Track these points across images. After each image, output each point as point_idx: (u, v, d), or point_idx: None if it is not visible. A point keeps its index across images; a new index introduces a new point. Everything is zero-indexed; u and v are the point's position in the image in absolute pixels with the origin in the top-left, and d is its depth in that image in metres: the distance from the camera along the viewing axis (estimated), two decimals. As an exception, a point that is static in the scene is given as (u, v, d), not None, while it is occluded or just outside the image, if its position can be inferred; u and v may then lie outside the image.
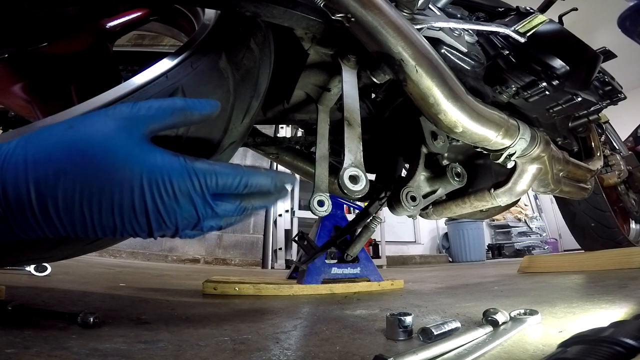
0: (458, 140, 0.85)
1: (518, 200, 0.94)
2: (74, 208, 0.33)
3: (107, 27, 0.72)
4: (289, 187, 0.44)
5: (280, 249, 3.65)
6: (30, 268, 1.28)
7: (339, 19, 0.57)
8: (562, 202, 1.76)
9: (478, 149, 0.80)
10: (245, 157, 3.88)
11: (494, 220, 5.99)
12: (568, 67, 0.88)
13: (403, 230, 5.52)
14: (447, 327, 0.56)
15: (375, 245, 4.24)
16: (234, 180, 0.38)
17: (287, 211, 3.81)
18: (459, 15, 0.94)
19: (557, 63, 0.87)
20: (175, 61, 0.54)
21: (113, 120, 0.35)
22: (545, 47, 0.87)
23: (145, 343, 0.54)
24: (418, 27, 0.67)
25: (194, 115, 0.40)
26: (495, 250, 5.76)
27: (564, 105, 0.97)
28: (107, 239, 0.59)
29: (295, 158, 1.05)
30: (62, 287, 1.09)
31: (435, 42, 0.76)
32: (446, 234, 5.59)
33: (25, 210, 0.32)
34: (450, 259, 5.40)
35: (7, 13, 0.58)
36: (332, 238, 1.36)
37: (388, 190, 0.90)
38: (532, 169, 0.83)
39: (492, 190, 0.84)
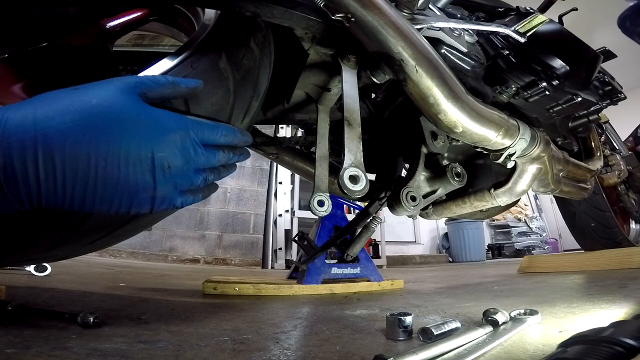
0: (458, 140, 0.85)
1: (518, 200, 0.94)
2: (79, 158, 0.34)
3: (107, 27, 0.72)
4: (250, 140, 0.54)
5: (280, 249, 3.65)
6: (30, 268, 1.28)
7: (339, 19, 0.57)
8: (562, 202, 1.76)
9: (478, 149, 0.80)
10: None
11: (494, 220, 5.98)
12: (568, 67, 0.88)
13: (403, 230, 5.52)
14: (447, 327, 0.56)
15: (375, 245, 4.24)
16: (216, 130, 0.46)
17: (287, 211, 3.81)
18: (459, 15, 0.94)
19: (557, 63, 0.87)
20: (175, 61, 0.54)
21: (113, 84, 0.40)
22: (545, 47, 0.87)
23: (145, 343, 0.54)
24: (418, 27, 0.67)
25: (181, 88, 0.46)
26: (495, 250, 5.76)
27: (564, 105, 0.97)
28: (109, 237, 0.59)
29: (295, 158, 1.05)
30: (62, 287, 1.09)
31: (435, 42, 0.76)
32: (446, 234, 5.59)
33: (28, 168, 0.33)
34: (450, 259, 5.40)
35: (7, 13, 0.58)
36: (332, 238, 1.36)
37: (388, 190, 0.90)
38: (532, 169, 0.83)
39: (492, 190, 0.84)
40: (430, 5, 0.77)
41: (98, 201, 0.36)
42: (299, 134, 1.29)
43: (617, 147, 1.88)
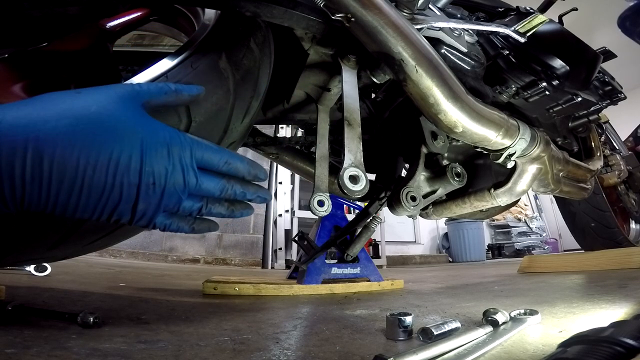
0: (458, 140, 0.85)
1: (518, 200, 0.94)
2: (68, 164, 0.34)
3: (107, 27, 0.72)
4: (262, 177, 0.47)
5: (280, 249, 3.65)
6: (30, 268, 1.28)
7: (339, 19, 0.57)
8: (562, 202, 1.76)
9: (478, 149, 0.80)
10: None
11: (494, 220, 5.98)
12: (568, 67, 0.88)
13: (403, 230, 5.52)
14: (447, 327, 0.56)
15: (375, 245, 4.24)
16: (217, 154, 0.43)
17: (287, 211, 3.81)
18: (459, 15, 0.94)
19: (557, 63, 0.87)
20: (175, 61, 0.54)
21: (116, 91, 0.39)
22: (545, 47, 0.87)
23: (145, 343, 0.54)
24: (418, 27, 0.67)
25: (184, 96, 0.46)
26: (495, 250, 5.76)
27: (564, 105, 0.97)
28: (109, 237, 0.59)
29: (295, 158, 1.05)
30: (62, 287, 1.09)
31: (435, 42, 0.76)
32: (446, 234, 5.59)
33: (15, 170, 0.32)
34: (450, 259, 5.40)
35: (7, 13, 0.58)
36: (332, 238, 1.36)
37: (388, 190, 0.90)
38: (532, 169, 0.83)
39: (492, 190, 0.84)
40: (430, 5, 0.77)
41: (80, 208, 0.36)
42: (299, 134, 1.29)
43: (617, 147, 1.88)
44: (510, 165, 0.82)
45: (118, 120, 0.37)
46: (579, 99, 0.96)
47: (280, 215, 3.77)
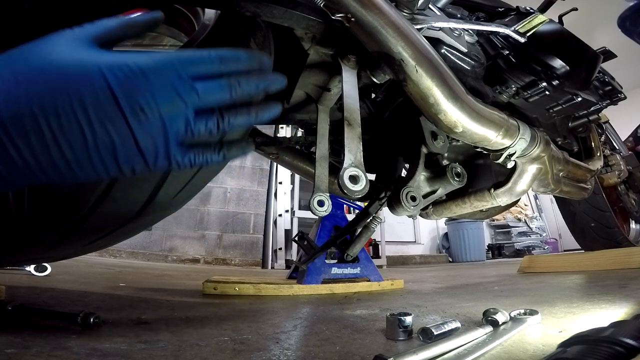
0: (458, 140, 0.85)
1: (518, 200, 0.94)
2: (24, 117, 0.29)
3: (107, 27, 0.72)
4: (267, 63, 0.39)
5: (280, 249, 3.66)
6: (30, 268, 1.28)
7: (339, 19, 0.57)
8: (562, 202, 1.76)
9: (478, 149, 0.80)
10: (245, 157, 3.88)
11: (494, 220, 5.98)
12: (568, 67, 0.88)
13: (403, 230, 5.52)
14: (447, 327, 0.56)
15: (375, 245, 4.24)
16: (205, 56, 0.35)
17: (287, 211, 3.81)
18: (459, 15, 0.94)
19: (557, 63, 0.87)
20: (175, 61, 0.54)
21: (59, 35, 0.34)
22: (545, 47, 0.87)
23: (145, 343, 0.54)
24: (418, 27, 0.67)
25: (139, 24, 0.40)
26: (495, 250, 5.75)
27: (564, 105, 0.97)
28: (109, 237, 0.59)
29: (295, 158, 1.05)
30: (62, 287, 1.09)
31: (435, 42, 0.76)
32: (446, 234, 5.59)
33: None
34: (450, 259, 5.40)
35: (7, 13, 0.58)
36: (332, 238, 1.36)
37: (388, 190, 0.90)
38: (532, 169, 0.83)
39: (492, 190, 0.84)
40: (430, 5, 0.77)
41: (75, 165, 0.31)
42: (299, 134, 1.29)
43: (617, 147, 1.88)
44: (510, 165, 0.82)
45: (67, 57, 0.31)
46: (579, 99, 0.96)
47: (280, 215, 3.78)
